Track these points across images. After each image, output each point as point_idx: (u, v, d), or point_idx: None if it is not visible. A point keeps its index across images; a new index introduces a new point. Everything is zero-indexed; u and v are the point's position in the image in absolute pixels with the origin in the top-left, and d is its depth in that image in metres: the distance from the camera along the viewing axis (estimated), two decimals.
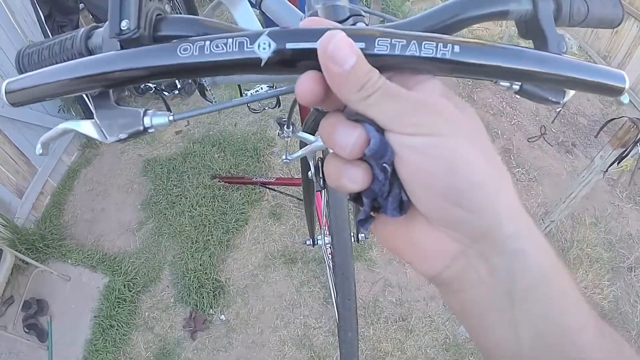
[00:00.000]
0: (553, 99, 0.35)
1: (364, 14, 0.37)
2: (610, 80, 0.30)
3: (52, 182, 2.60)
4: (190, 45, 0.28)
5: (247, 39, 0.27)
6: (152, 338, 1.96)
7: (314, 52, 0.25)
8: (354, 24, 0.35)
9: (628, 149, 1.67)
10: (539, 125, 2.94)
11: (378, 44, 0.25)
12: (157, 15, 0.35)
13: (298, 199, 2.27)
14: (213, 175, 2.46)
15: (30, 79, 0.33)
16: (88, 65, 0.32)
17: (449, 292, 0.26)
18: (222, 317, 1.98)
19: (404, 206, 0.25)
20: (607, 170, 1.75)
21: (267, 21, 0.76)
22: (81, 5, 2.66)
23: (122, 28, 0.32)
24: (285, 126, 0.88)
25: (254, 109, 2.28)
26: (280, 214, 2.31)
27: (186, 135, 2.79)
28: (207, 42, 0.28)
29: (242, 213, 2.30)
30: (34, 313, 2.06)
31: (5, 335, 1.90)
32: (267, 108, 1.31)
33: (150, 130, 0.34)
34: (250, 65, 0.27)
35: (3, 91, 0.33)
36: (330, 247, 1.66)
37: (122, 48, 0.33)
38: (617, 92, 0.31)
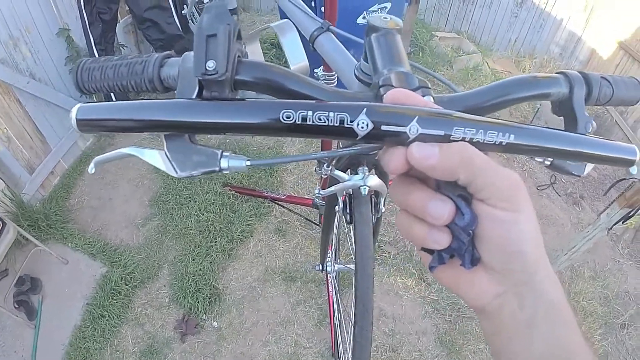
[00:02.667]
0: (575, 172, 0.41)
1: (429, 85, 0.40)
2: (624, 154, 0.36)
3: (63, 164, 2.60)
4: (293, 112, 0.31)
5: (348, 115, 0.30)
6: (142, 334, 1.96)
7: (403, 134, 0.29)
8: (423, 96, 0.38)
9: (635, 210, 1.68)
10: (550, 174, 2.96)
11: (454, 132, 0.29)
12: (238, 57, 0.36)
13: (306, 219, 2.29)
14: (225, 184, 2.48)
15: (104, 111, 0.33)
16: (176, 110, 0.33)
17: (487, 319, 0.32)
18: (215, 324, 1.98)
19: (475, 261, 0.31)
20: (611, 228, 1.77)
21: (312, 55, 0.77)
22: None
23: (208, 68, 0.32)
24: (325, 165, 0.91)
25: None
26: (286, 230, 2.33)
27: (202, 140, 2.80)
28: (310, 113, 0.30)
29: (248, 224, 2.32)
30: (26, 290, 2.05)
31: None
32: None
33: (225, 172, 0.35)
34: (346, 136, 0.31)
35: (73, 118, 0.33)
36: (335, 276, 1.67)
37: (200, 87, 0.33)
38: (629, 163, 0.37)
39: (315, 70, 1.13)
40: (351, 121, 0.30)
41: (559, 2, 3.82)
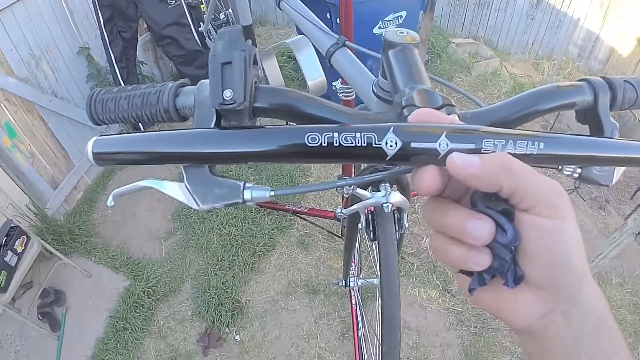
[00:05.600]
0: (604, 183, 0.40)
1: (453, 102, 0.39)
2: None
3: (87, 179, 2.66)
4: (319, 135, 0.29)
5: (375, 135, 0.29)
6: (164, 347, 1.97)
7: (434, 150, 0.28)
8: (448, 114, 0.37)
9: None
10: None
11: (484, 145, 0.29)
12: (255, 83, 0.35)
13: (328, 231, 2.28)
14: None
15: (121, 143, 0.32)
16: (195, 141, 0.31)
17: (530, 340, 0.30)
18: (237, 337, 1.98)
19: (519, 279, 0.29)
20: (639, 233, 1.73)
21: (330, 72, 0.77)
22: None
23: (226, 98, 0.31)
24: None
25: None
26: (308, 243, 2.33)
27: (222, 169, 2.82)
28: (336, 134, 0.29)
29: (270, 238, 2.32)
30: (50, 302, 2.10)
31: (18, 318, 1.91)
32: None
33: (248, 203, 0.34)
34: (374, 158, 0.30)
35: (90, 152, 0.32)
36: (358, 290, 1.66)
37: (218, 116, 0.33)
38: None
39: (333, 83, 1.13)
40: (379, 141, 0.29)
41: (574, 0, 3.77)
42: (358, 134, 0.29)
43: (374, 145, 0.29)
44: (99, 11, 2.48)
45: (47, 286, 2.12)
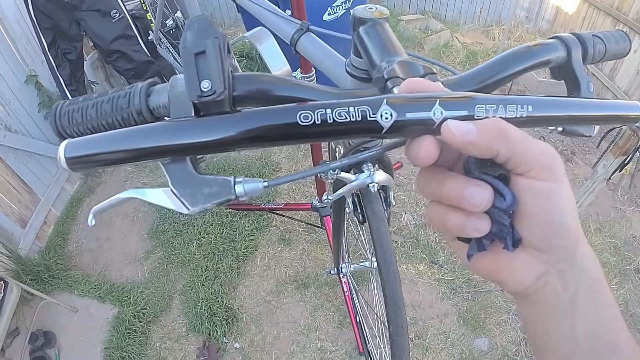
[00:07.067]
0: (586, 133, 0.40)
1: (435, 70, 0.38)
2: (630, 111, 0.36)
3: (55, 212, 2.56)
4: (311, 113, 0.28)
5: (369, 109, 0.28)
6: None
7: (429, 120, 0.28)
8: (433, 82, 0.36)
9: (629, 157, 1.69)
10: (538, 136, 2.97)
11: (477, 111, 0.28)
12: (231, 72, 0.33)
13: (307, 223, 2.27)
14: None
15: (94, 144, 0.30)
16: (176, 132, 0.30)
17: (527, 304, 0.31)
18: (237, 345, 1.96)
19: (517, 242, 0.29)
20: (610, 178, 1.78)
21: (289, 59, 0.76)
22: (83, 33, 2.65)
23: (204, 89, 0.30)
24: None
25: None
26: (289, 239, 2.32)
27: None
28: (329, 111, 0.28)
29: (251, 240, 2.30)
30: (41, 345, 2.01)
31: None
32: None
33: (242, 198, 0.33)
34: (370, 132, 0.29)
35: (62, 157, 0.30)
36: (348, 276, 1.66)
37: (196, 110, 0.31)
38: (635, 120, 0.37)
39: (293, 74, 1.11)
40: (374, 114, 0.28)
41: None
42: (352, 109, 0.28)
43: (369, 118, 0.28)
44: (41, 35, 2.39)
45: (34, 329, 2.03)
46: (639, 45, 3.09)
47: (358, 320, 1.78)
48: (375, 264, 0.96)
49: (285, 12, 0.85)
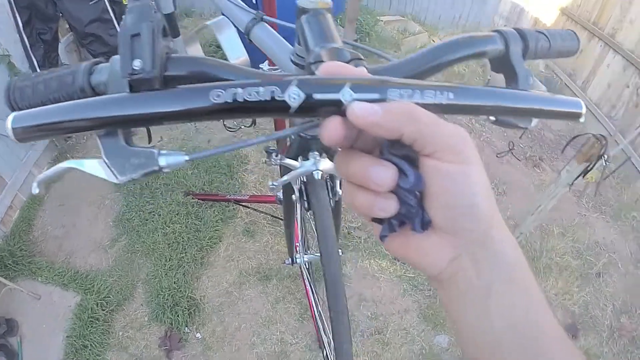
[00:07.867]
0: (522, 125, 0.40)
1: (362, 56, 0.40)
2: (570, 108, 0.37)
3: (21, 196, 2.52)
4: (223, 92, 0.30)
5: (278, 89, 0.30)
6: (127, 358, 1.92)
7: (337, 101, 0.29)
8: (356, 67, 0.37)
9: (592, 164, 1.74)
10: (508, 141, 3.05)
11: (389, 95, 0.29)
12: (166, 53, 0.36)
13: (272, 216, 2.28)
14: (186, 192, 2.45)
15: (40, 115, 0.32)
16: (109, 105, 0.32)
17: (442, 288, 0.31)
18: (198, 335, 1.96)
19: (426, 224, 0.30)
20: (572, 184, 1.82)
21: (256, 50, 0.77)
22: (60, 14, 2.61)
23: (135, 68, 0.32)
24: (274, 154, 0.90)
25: (230, 127, 2.29)
26: (254, 231, 2.33)
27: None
28: (240, 90, 0.30)
29: (215, 230, 2.30)
30: (3, 333, 1.98)
31: None
32: (242, 127, 1.33)
33: (165, 170, 0.34)
34: (278, 111, 0.30)
35: (9, 127, 0.32)
36: (308, 266, 1.67)
37: (131, 88, 0.33)
38: (576, 116, 0.38)
39: (260, 66, 1.13)
40: (282, 93, 0.29)
41: None
42: (262, 89, 0.29)
43: (276, 98, 0.29)
44: (16, 14, 2.34)
45: None
46: (612, 59, 3.17)
47: (316, 314, 1.81)
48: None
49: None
